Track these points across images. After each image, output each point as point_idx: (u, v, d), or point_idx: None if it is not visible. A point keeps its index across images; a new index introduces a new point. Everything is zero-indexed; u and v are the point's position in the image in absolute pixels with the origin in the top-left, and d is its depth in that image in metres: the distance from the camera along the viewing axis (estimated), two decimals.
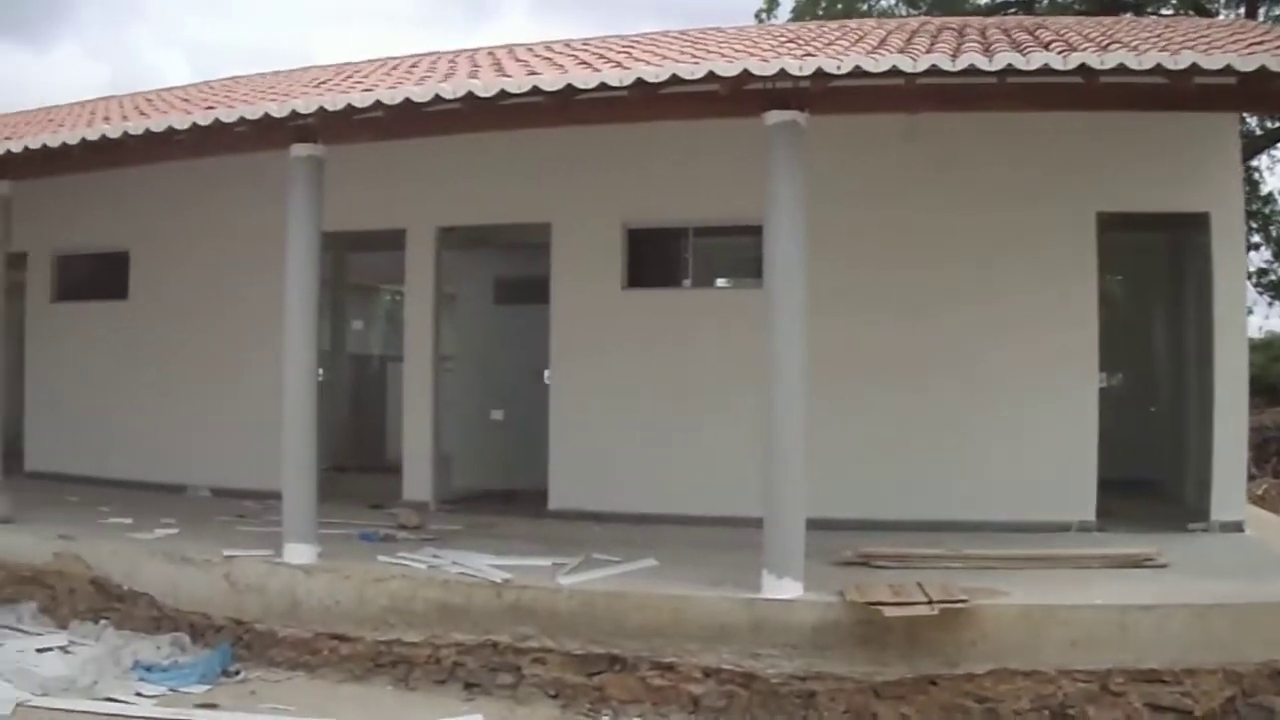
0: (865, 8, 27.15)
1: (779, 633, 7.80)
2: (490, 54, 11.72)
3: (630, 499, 11.81)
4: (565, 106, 8.78)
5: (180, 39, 76.84)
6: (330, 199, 9.83)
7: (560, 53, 10.79)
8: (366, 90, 9.20)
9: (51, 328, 15.47)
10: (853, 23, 11.16)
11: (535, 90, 8.45)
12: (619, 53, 9.95)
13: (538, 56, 10.59)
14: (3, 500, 11.34)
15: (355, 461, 15.08)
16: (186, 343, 14.12)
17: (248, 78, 14.30)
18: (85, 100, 15.42)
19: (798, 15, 26.84)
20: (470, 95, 8.59)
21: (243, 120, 9.34)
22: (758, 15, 28.50)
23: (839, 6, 27.06)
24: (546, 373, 12.56)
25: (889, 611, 7.42)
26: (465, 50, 12.96)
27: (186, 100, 11.70)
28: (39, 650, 9.07)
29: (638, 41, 11.47)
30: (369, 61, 13.27)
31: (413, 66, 11.49)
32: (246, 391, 13.10)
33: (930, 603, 7.43)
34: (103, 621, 9.79)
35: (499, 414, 13.76)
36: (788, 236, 8.27)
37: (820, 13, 26.39)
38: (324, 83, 10.80)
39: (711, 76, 8.00)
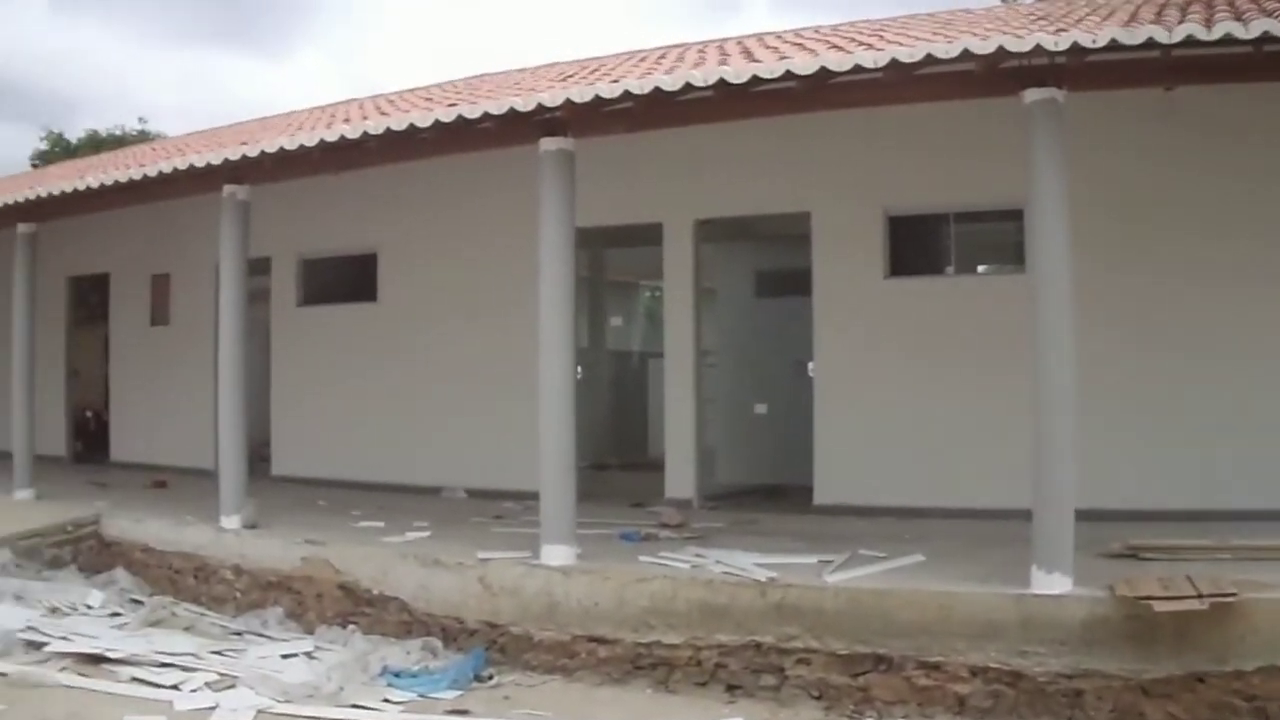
0: None
1: (1047, 629, 7.97)
2: (738, 43, 12.13)
3: (896, 492, 12.18)
4: (818, 91, 9.18)
5: (421, 44, 79.45)
6: (584, 194, 10.29)
7: (809, 38, 11.20)
8: (614, 81, 9.60)
9: (298, 331, 16.69)
10: None
11: (788, 74, 8.81)
12: (869, 36, 10.29)
13: (786, 43, 11.00)
14: (249, 506, 12.12)
15: (616, 459, 15.93)
16: (439, 343, 15.05)
17: (492, 75, 15.15)
18: (325, 105, 16.56)
19: None
20: (722, 82, 9.03)
21: (487, 116, 9.87)
22: None
23: None
24: (810, 365, 13.05)
25: (1159, 606, 7.52)
26: (712, 40, 13.47)
27: (429, 99, 12.47)
28: (284, 656, 9.59)
29: (887, 25, 11.79)
30: (615, 55, 13.85)
31: (661, 58, 12.00)
32: (503, 390, 13.89)
33: (1200, 597, 7.50)
34: (350, 626, 10.41)
35: (762, 408, 14.38)
36: (1050, 218, 8.50)
37: None
38: (570, 76, 11.34)
39: (967, 55, 8.31)
